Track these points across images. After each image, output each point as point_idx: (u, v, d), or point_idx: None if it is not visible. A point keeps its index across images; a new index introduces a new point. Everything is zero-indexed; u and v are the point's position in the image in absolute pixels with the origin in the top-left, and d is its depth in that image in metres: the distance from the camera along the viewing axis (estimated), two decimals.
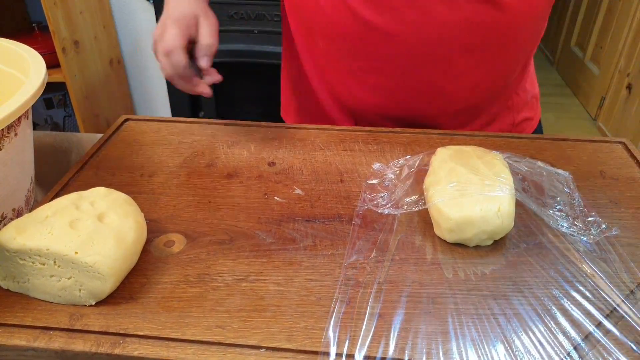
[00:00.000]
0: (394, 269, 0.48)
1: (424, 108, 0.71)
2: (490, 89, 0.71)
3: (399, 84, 0.68)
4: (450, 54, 0.64)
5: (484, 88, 0.70)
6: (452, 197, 0.49)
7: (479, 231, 0.48)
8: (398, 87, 0.69)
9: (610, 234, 0.51)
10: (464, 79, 0.68)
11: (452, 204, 0.49)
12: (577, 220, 0.53)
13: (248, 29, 1.74)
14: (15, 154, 0.52)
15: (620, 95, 2.34)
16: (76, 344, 0.41)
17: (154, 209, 0.55)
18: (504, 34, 0.64)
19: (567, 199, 0.55)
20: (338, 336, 0.41)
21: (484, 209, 0.48)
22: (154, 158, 0.65)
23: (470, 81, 0.68)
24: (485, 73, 0.68)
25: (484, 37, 0.64)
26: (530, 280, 0.47)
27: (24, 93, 0.49)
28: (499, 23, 0.62)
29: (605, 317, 0.43)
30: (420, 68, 0.66)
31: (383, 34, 0.63)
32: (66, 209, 0.46)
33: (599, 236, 0.51)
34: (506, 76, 0.71)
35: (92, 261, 0.42)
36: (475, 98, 0.71)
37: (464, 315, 0.43)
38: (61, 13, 1.61)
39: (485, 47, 0.65)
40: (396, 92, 0.70)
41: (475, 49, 0.64)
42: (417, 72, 0.67)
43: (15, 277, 0.45)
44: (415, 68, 0.66)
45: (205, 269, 0.48)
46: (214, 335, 0.41)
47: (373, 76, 0.68)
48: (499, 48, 0.66)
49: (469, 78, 0.68)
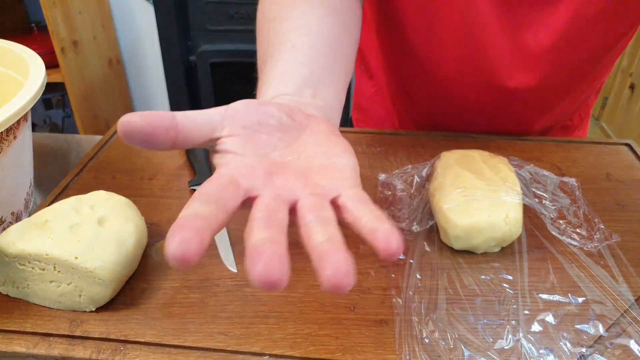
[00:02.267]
0: (399, 274, 0.47)
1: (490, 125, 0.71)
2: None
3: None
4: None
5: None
6: (458, 203, 0.48)
7: (487, 238, 0.47)
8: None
9: (615, 240, 0.51)
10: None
11: (459, 211, 0.48)
12: (580, 228, 0.52)
13: (248, 28, 1.73)
14: (15, 157, 0.51)
15: (623, 95, 2.33)
16: (76, 351, 0.40)
17: (154, 213, 0.55)
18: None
19: (571, 207, 0.54)
20: (343, 343, 0.40)
21: (491, 216, 0.47)
22: (154, 160, 0.64)
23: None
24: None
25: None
26: (537, 286, 0.46)
27: (23, 95, 0.49)
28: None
29: (613, 322, 0.42)
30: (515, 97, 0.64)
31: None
32: (66, 213, 0.45)
33: (601, 244, 0.50)
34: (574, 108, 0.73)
35: (93, 267, 0.42)
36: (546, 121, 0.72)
37: (470, 321, 0.43)
38: (60, 13, 1.60)
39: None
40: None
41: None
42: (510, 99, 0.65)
43: (14, 282, 0.44)
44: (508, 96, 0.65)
45: (207, 274, 0.47)
46: (216, 342, 0.41)
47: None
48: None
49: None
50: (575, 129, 0.77)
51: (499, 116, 0.68)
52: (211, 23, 1.76)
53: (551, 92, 0.65)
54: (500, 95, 0.64)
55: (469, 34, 0.59)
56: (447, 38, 0.60)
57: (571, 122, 0.76)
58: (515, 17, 0.57)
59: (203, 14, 1.74)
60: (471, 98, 0.66)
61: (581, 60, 0.61)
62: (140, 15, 1.93)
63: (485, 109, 0.67)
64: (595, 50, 0.60)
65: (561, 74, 0.62)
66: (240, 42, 1.77)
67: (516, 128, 0.70)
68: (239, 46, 1.77)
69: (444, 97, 0.68)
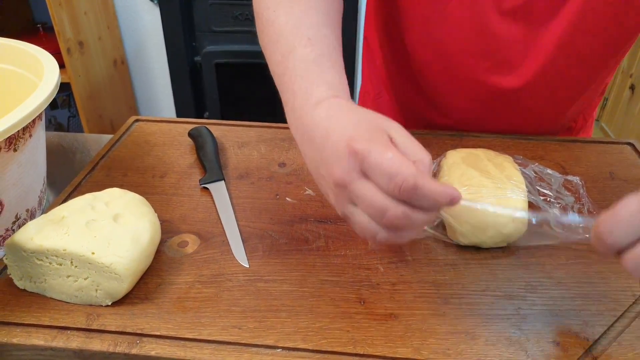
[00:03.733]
0: (407, 270, 0.48)
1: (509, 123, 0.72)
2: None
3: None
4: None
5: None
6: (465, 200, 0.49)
7: (493, 234, 0.48)
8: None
9: None
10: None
11: (465, 208, 0.49)
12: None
13: (252, 29, 1.74)
14: (30, 155, 0.52)
15: (623, 96, 2.34)
16: (94, 344, 0.41)
17: (166, 210, 0.56)
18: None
19: (575, 204, 0.55)
20: (354, 336, 0.41)
21: (498, 213, 0.48)
22: (164, 159, 0.65)
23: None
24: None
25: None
26: (543, 281, 0.47)
27: (39, 95, 0.50)
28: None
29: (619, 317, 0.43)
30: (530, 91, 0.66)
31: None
32: (82, 210, 0.46)
33: None
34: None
35: (109, 262, 0.43)
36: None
37: (477, 316, 0.43)
38: (66, 14, 1.61)
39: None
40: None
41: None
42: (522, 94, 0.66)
43: (32, 277, 0.45)
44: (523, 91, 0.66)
45: (220, 269, 0.48)
46: (230, 335, 0.42)
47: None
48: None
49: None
50: (579, 131, 0.78)
51: (506, 116, 0.69)
52: (216, 24, 1.77)
53: (560, 89, 0.66)
54: (507, 92, 0.65)
55: (479, 23, 0.60)
56: (458, 26, 0.62)
57: (575, 123, 0.77)
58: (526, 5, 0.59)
59: (208, 15, 1.76)
60: (477, 95, 0.67)
61: (592, 51, 0.62)
62: (145, 16, 1.94)
63: (491, 106, 0.68)
64: (604, 44, 0.61)
65: (571, 68, 0.63)
66: (244, 43, 1.78)
67: (523, 130, 0.71)
68: (244, 47, 1.78)
69: (452, 92, 0.69)
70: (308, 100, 0.42)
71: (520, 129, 0.71)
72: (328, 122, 0.40)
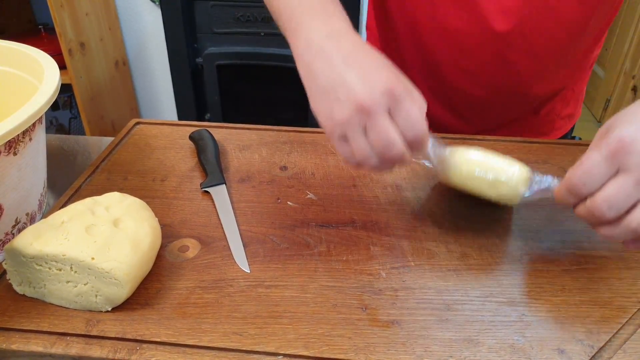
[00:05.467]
0: (410, 275, 0.48)
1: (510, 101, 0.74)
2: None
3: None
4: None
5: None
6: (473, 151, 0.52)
7: (493, 181, 0.49)
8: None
9: None
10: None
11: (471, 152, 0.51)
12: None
13: (255, 31, 1.74)
14: (30, 158, 0.52)
15: (625, 97, 2.34)
16: (93, 350, 0.41)
17: (167, 214, 0.55)
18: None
19: None
20: (356, 343, 0.41)
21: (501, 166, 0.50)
22: (165, 162, 0.65)
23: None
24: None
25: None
26: (547, 287, 0.47)
27: (39, 98, 0.49)
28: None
29: (624, 324, 0.43)
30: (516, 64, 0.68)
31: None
32: (82, 215, 0.46)
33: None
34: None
35: (109, 267, 0.42)
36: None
37: (480, 322, 0.43)
38: (67, 15, 1.61)
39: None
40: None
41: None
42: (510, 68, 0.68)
43: (31, 282, 0.45)
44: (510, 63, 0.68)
45: (221, 275, 0.48)
46: (231, 342, 0.41)
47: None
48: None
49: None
50: (568, 102, 0.79)
51: (497, 72, 0.70)
52: (217, 25, 1.77)
53: (538, 45, 0.66)
54: (491, 40, 0.65)
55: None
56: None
57: (565, 92, 0.78)
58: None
59: (209, 16, 1.75)
60: (468, 47, 0.68)
61: (564, 4, 0.62)
62: (146, 17, 1.94)
63: (481, 60, 0.69)
64: (578, 2, 0.62)
65: (545, 20, 0.64)
66: (246, 44, 1.78)
67: (515, 89, 0.71)
68: (245, 48, 1.78)
69: (442, 50, 0.70)
70: (328, 25, 0.46)
71: (511, 87, 0.72)
72: (354, 47, 0.44)
